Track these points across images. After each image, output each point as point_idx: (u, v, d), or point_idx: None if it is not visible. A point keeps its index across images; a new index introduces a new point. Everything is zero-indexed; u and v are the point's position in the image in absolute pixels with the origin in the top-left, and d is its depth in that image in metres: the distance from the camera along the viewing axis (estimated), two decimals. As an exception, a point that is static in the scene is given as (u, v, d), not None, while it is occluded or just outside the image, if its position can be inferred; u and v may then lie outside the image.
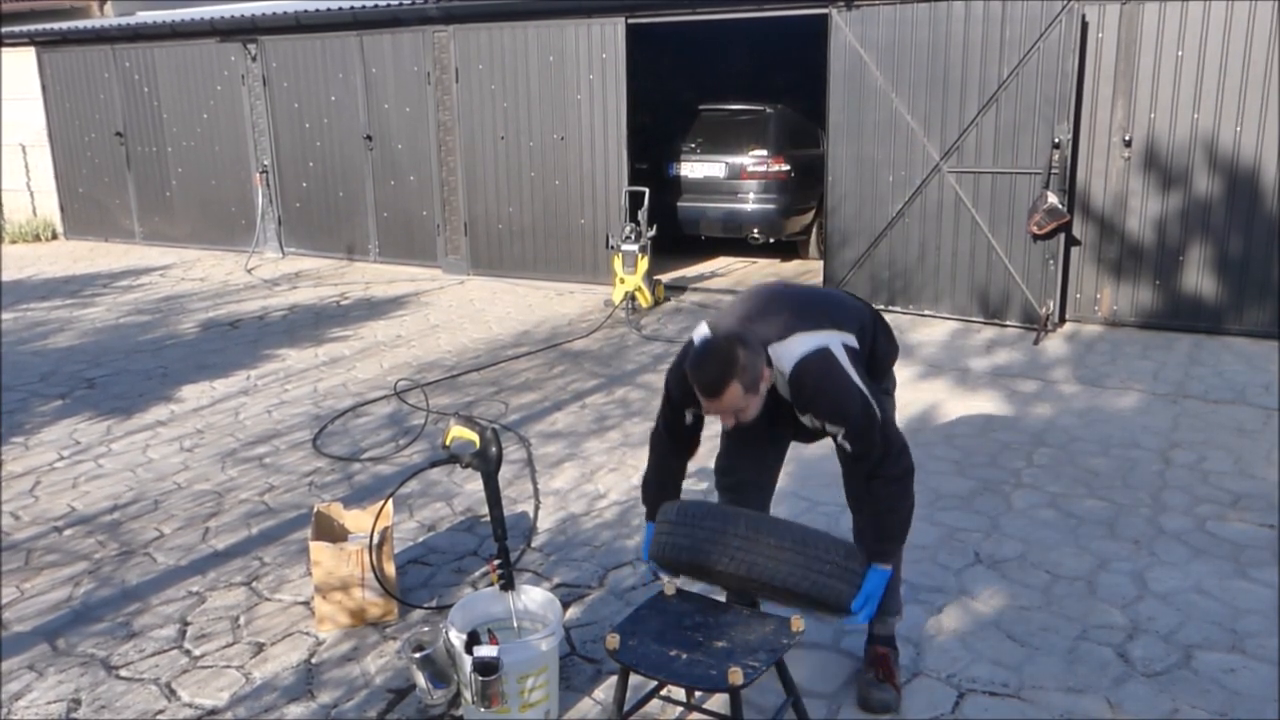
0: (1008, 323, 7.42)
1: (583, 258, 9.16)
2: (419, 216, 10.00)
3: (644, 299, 8.11)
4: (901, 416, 5.46)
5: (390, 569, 3.42)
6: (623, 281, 8.03)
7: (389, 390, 6.07)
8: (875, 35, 7.61)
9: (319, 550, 3.31)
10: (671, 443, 2.90)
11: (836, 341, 2.65)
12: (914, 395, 5.80)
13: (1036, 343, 6.97)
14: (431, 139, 9.66)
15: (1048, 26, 6.87)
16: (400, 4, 9.37)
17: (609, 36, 8.59)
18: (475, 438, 2.91)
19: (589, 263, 9.12)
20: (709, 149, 9.72)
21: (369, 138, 10.02)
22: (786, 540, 2.47)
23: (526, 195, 9.31)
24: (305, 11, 10.03)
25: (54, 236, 12.69)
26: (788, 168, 9.46)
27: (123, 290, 9.45)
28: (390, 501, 3.44)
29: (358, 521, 3.65)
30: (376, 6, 9.53)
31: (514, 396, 5.96)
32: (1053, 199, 6.91)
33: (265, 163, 10.78)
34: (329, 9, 9.88)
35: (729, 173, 9.56)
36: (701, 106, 10.05)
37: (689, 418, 2.82)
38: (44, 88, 12.21)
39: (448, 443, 2.97)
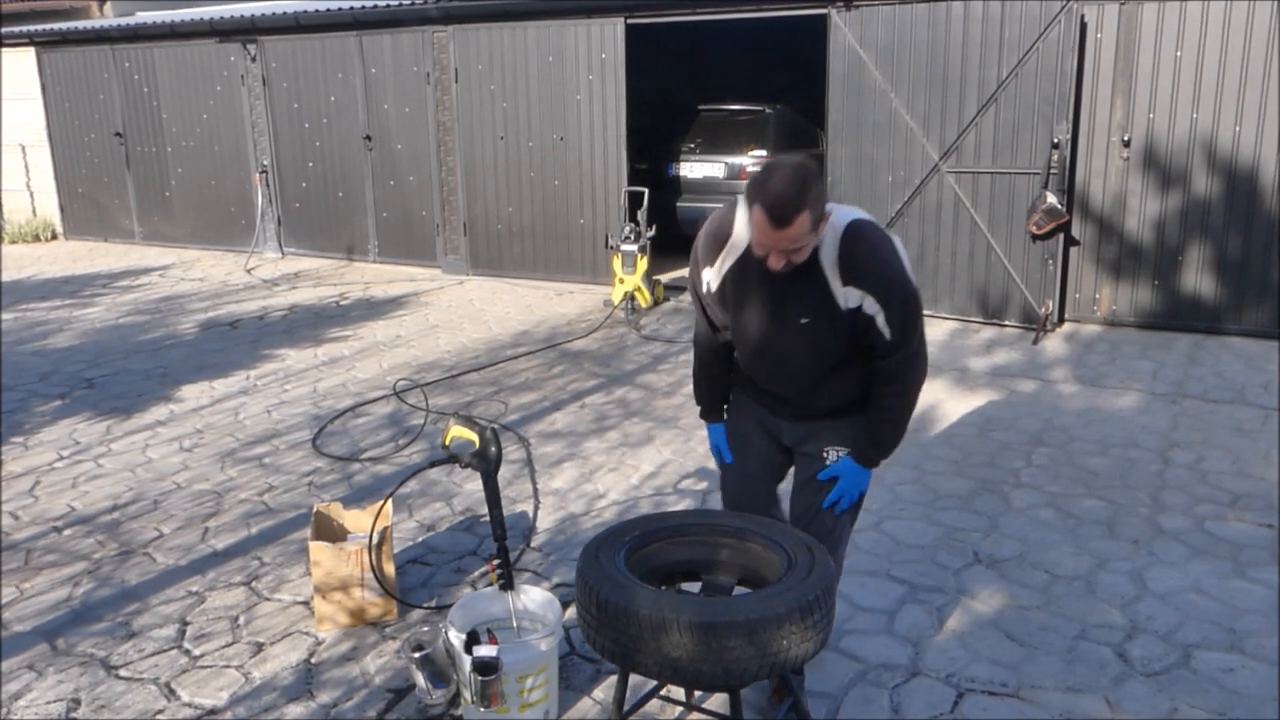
0: (1007, 323, 7.43)
1: (582, 258, 9.16)
2: (418, 216, 10.00)
3: (643, 299, 8.11)
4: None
5: (390, 569, 3.42)
6: (622, 281, 8.03)
7: (388, 390, 6.07)
8: (875, 35, 7.61)
9: (318, 550, 3.32)
10: (711, 337, 2.76)
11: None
12: (913, 395, 5.80)
13: (1036, 343, 6.97)
14: (431, 139, 9.66)
15: (1047, 26, 6.87)
16: (400, 4, 9.37)
17: (608, 36, 8.59)
18: (475, 437, 2.91)
19: (588, 263, 9.12)
20: (708, 149, 9.72)
21: (368, 138, 10.02)
22: (709, 641, 2.19)
23: (526, 195, 9.31)
24: (305, 12, 10.03)
25: (53, 236, 12.68)
26: (787, 168, 9.46)
27: (122, 290, 9.45)
28: (390, 501, 3.44)
29: (357, 521, 3.65)
30: (376, 7, 9.52)
31: (513, 396, 5.96)
32: (1052, 199, 6.92)
33: (265, 163, 10.78)
34: (329, 9, 9.88)
35: (728, 173, 9.56)
36: (701, 106, 10.05)
37: (704, 285, 2.60)
38: (44, 88, 12.21)
39: (447, 442, 2.97)
